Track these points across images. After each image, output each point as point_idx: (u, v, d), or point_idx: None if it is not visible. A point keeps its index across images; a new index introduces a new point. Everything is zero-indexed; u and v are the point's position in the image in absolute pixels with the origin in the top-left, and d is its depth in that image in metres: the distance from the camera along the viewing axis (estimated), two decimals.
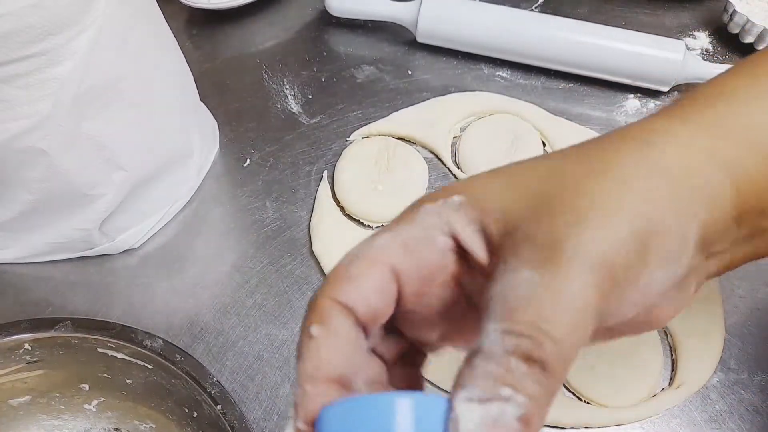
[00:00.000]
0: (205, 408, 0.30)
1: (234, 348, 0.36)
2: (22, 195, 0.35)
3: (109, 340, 0.31)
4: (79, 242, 0.38)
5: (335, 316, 0.17)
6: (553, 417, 0.33)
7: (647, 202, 0.17)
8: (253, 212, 0.41)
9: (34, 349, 0.31)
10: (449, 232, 0.17)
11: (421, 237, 0.17)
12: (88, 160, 0.35)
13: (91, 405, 0.33)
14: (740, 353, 0.35)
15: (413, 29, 0.49)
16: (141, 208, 0.39)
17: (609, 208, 0.16)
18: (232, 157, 0.44)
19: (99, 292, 0.38)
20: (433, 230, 0.17)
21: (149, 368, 0.31)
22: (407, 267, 0.17)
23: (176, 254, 0.40)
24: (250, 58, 0.50)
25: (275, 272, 0.39)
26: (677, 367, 0.35)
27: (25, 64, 0.30)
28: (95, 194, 0.36)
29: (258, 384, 0.35)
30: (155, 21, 0.37)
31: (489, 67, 0.49)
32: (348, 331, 0.17)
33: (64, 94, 0.31)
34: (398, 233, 0.18)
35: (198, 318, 0.37)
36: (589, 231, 0.16)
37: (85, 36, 0.31)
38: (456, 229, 0.17)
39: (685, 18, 0.51)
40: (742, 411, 0.34)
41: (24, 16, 0.28)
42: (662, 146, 0.18)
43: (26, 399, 0.33)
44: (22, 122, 0.31)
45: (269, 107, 0.47)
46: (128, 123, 0.35)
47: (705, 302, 0.37)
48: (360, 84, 0.48)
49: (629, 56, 0.45)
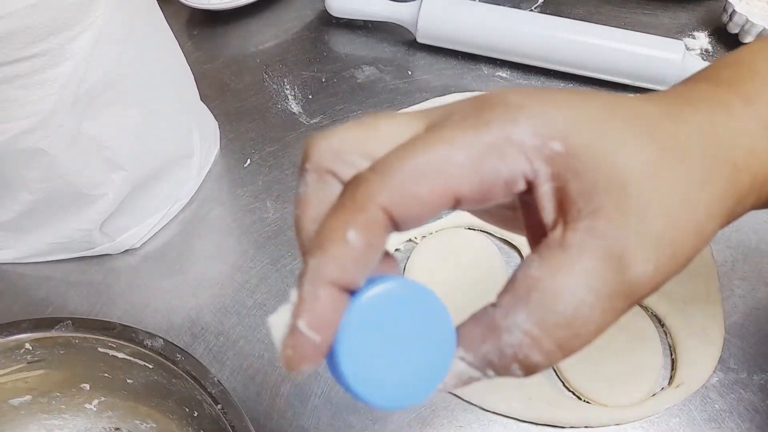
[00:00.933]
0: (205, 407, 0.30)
1: (235, 347, 0.36)
2: (23, 195, 0.35)
3: (110, 340, 0.31)
4: (79, 242, 0.38)
5: (381, 229, 0.16)
6: (552, 417, 0.33)
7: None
8: (253, 212, 0.41)
9: (35, 348, 0.31)
10: (526, 176, 0.16)
11: (497, 170, 0.16)
12: (88, 160, 0.35)
13: (91, 404, 0.33)
14: (740, 353, 0.35)
15: (413, 29, 0.49)
16: (141, 208, 0.39)
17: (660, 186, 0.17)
18: (233, 157, 0.44)
19: (100, 292, 0.38)
20: (515, 166, 0.16)
21: (150, 368, 0.31)
22: (471, 194, 0.16)
23: (177, 254, 0.40)
24: (250, 58, 0.50)
25: (276, 272, 0.39)
26: (677, 366, 0.35)
27: (25, 65, 0.30)
28: (96, 194, 0.36)
29: (259, 383, 0.35)
30: (155, 21, 0.37)
31: (489, 68, 0.49)
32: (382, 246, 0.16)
33: (65, 95, 0.31)
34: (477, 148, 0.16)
35: (199, 318, 0.37)
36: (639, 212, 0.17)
37: (85, 36, 0.31)
38: (537, 179, 0.16)
39: (684, 18, 0.51)
40: (741, 410, 0.34)
41: (24, 17, 0.28)
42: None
43: (27, 398, 0.33)
44: (23, 122, 0.31)
45: (270, 107, 0.46)
46: (129, 123, 0.35)
47: (705, 302, 0.37)
48: (360, 84, 0.48)
49: (628, 56, 0.45)
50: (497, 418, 0.34)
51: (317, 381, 0.35)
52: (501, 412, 0.34)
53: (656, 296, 0.37)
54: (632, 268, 0.16)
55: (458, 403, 0.34)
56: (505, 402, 0.34)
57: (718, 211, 0.17)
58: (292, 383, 0.35)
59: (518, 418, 0.33)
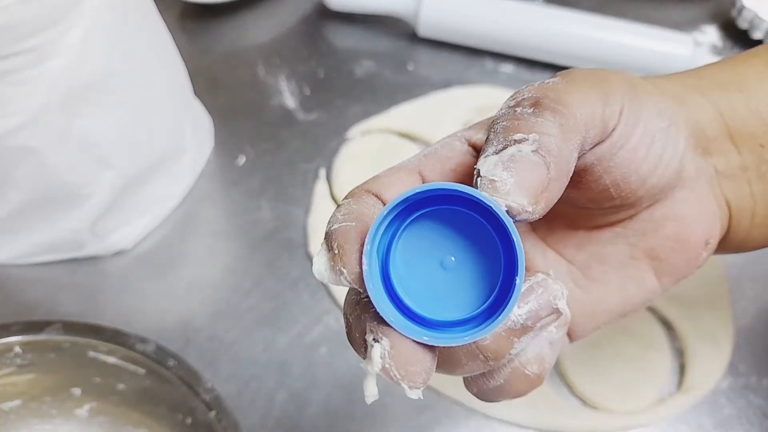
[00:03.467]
0: (198, 414, 0.29)
1: (229, 352, 0.36)
2: (12, 194, 0.34)
3: (101, 344, 0.31)
4: (69, 243, 0.38)
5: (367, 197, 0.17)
6: (557, 423, 0.33)
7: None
8: (248, 212, 0.41)
9: (25, 352, 0.31)
10: (465, 139, 0.19)
11: (439, 146, 0.19)
12: (78, 159, 0.34)
13: (83, 410, 0.33)
14: (750, 356, 0.35)
15: (414, 23, 0.48)
16: (133, 208, 0.39)
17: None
18: (227, 155, 0.43)
19: (90, 295, 0.38)
20: (450, 140, 0.19)
21: (142, 373, 0.31)
22: (431, 167, 0.18)
23: (169, 256, 0.40)
24: (245, 52, 0.49)
25: (271, 274, 0.38)
26: (685, 371, 0.34)
27: (15, 61, 0.29)
28: (86, 193, 0.36)
29: (253, 389, 0.34)
30: (148, 15, 0.37)
31: (492, 62, 0.48)
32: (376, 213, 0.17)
33: (55, 91, 0.31)
34: (419, 154, 0.19)
35: (192, 321, 0.37)
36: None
37: (76, 31, 0.31)
38: (469, 134, 0.19)
39: (693, 12, 0.51)
40: (750, 415, 0.33)
41: (13, 12, 0.28)
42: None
43: (17, 403, 0.32)
44: (12, 120, 0.31)
45: (265, 103, 0.46)
46: (120, 120, 0.35)
47: (713, 305, 0.36)
48: (359, 79, 0.47)
49: (636, 51, 0.45)
50: (500, 426, 0.33)
51: (315, 388, 0.34)
52: (504, 418, 0.33)
53: (665, 300, 0.36)
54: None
55: (460, 410, 0.33)
56: (508, 408, 0.33)
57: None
58: (288, 390, 0.34)
59: (522, 424, 0.33)
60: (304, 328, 0.36)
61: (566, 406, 0.33)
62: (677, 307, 0.36)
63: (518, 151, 0.15)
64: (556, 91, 0.17)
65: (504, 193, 0.15)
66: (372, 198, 0.17)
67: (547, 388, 0.34)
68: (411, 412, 0.33)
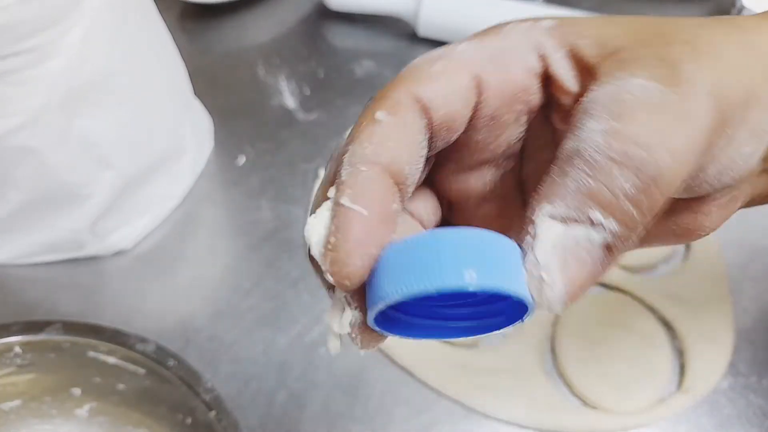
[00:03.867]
0: (198, 414, 0.29)
1: (229, 352, 0.36)
2: (12, 194, 0.34)
3: (101, 344, 0.31)
4: (69, 243, 0.38)
5: (409, 108, 0.15)
6: (557, 423, 0.33)
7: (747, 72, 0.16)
8: (248, 212, 0.41)
9: (25, 352, 0.31)
10: (538, 53, 0.16)
11: (509, 49, 0.16)
12: (78, 159, 0.34)
13: (83, 410, 0.33)
14: (750, 356, 0.35)
15: (414, 23, 0.48)
16: (133, 208, 0.39)
17: (724, 54, 0.15)
18: (227, 155, 0.43)
19: (90, 295, 0.38)
20: (522, 46, 0.16)
21: (142, 373, 0.31)
22: (492, 79, 0.16)
23: (169, 256, 0.40)
24: (245, 52, 0.49)
25: (271, 274, 0.38)
26: (685, 371, 0.34)
27: (15, 61, 0.29)
28: (86, 193, 0.36)
29: (253, 389, 0.34)
30: (148, 15, 0.37)
31: None
32: (417, 131, 0.15)
33: (55, 91, 0.31)
34: (484, 44, 0.16)
35: (192, 321, 0.37)
36: (707, 59, 0.15)
37: (76, 31, 0.31)
38: (546, 50, 0.16)
39: (693, 12, 0.51)
40: (750, 415, 0.33)
41: (13, 12, 0.28)
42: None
43: (17, 403, 0.32)
44: (12, 120, 0.31)
45: (265, 103, 0.46)
46: (120, 120, 0.35)
47: (713, 305, 0.36)
48: (359, 79, 0.47)
49: None
50: (500, 425, 0.33)
51: (315, 388, 0.34)
52: (504, 418, 0.33)
53: (665, 299, 0.36)
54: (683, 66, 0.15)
55: (460, 410, 0.33)
56: (508, 408, 0.33)
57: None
58: (289, 390, 0.34)
59: (522, 424, 0.33)
60: (304, 328, 0.36)
61: (566, 406, 0.33)
62: (677, 307, 0.36)
63: (587, 240, 0.12)
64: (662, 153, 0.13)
65: (545, 294, 0.12)
66: (414, 111, 0.15)
67: (546, 386, 0.34)
68: (411, 412, 0.33)
